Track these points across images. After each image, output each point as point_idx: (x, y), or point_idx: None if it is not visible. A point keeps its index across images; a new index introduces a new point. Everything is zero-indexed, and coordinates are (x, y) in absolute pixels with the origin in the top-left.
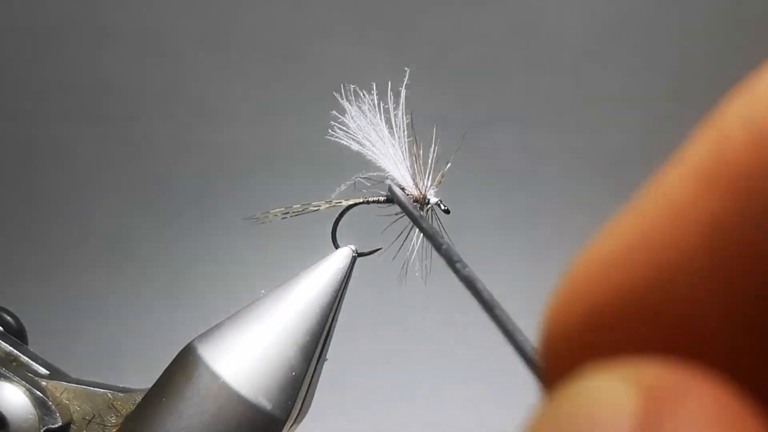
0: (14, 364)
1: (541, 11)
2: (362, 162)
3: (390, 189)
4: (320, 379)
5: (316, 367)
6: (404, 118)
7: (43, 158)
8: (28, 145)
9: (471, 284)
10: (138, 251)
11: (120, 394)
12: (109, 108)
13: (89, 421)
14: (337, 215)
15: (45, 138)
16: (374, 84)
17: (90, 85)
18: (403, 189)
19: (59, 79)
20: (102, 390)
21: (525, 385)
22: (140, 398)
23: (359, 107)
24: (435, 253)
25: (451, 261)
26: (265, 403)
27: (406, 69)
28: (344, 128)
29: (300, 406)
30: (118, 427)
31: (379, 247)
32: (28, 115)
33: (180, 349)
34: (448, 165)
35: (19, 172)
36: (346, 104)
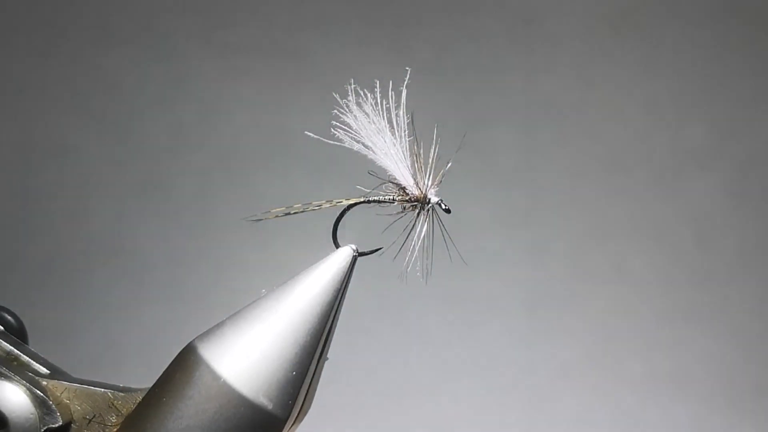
0: (15, 363)
1: (541, 11)
2: (363, 161)
3: None
4: (321, 378)
5: (316, 367)
6: (405, 117)
7: (43, 158)
8: (28, 145)
9: None
10: (138, 251)
11: (120, 393)
12: (109, 107)
13: (90, 421)
14: (337, 215)
15: (45, 137)
16: (377, 82)
17: (90, 84)
18: (403, 188)
19: (59, 79)
20: (102, 389)
21: (524, 385)
22: (141, 398)
23: (360, 106)
24: (436, 253)
25: None
26: (266, 403)
27: (406, 69)
28: (345, 128)
29: (301, 405)
30: (118, 427)
31: (380, 247)
32: (28, 115)
33: (180, 349)
34: (449, 165)
35: (19, 171)
36: (347, 104)
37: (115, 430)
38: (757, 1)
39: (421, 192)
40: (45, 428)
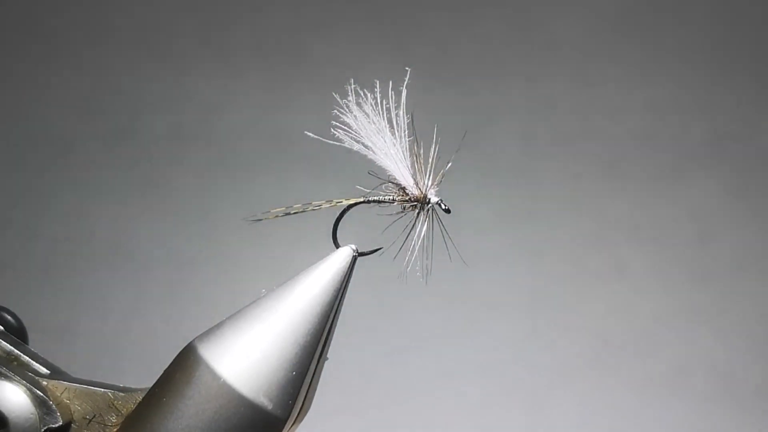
0: (15, 363)
1: (541, 11)
2: (363, 161)
3: None
4: (320, 378)
5: (316, 367)
6: (405, 117)
7: (44, 157)
8: (28, 145)
9: None
10: (138, 251)
11: (120, 393)
12: (109, 107)
13: (90, 421)
14: (337, 215)
15: (45, 137)
16: (377, 82)
17: (90, 84)
18: (403, 188)
19: (59, 79)
20: (102, 389)
21: (524, 386)
22: (141, 398)
23: (360, 106)
24: (436, 253)
25: None
26: (266, 403)
27: (406, 69)
28: (345, 128)
29: (301, 405)
30: (118, 427)
31: (380, 247)
32: (28, 115)
33: (180, 349)
34: (449, 165)
35: (19, 171)
36: (347, 104)
37: (115, 430)
38: (756, 2)
39: (421, 192)
40: (45, 428)
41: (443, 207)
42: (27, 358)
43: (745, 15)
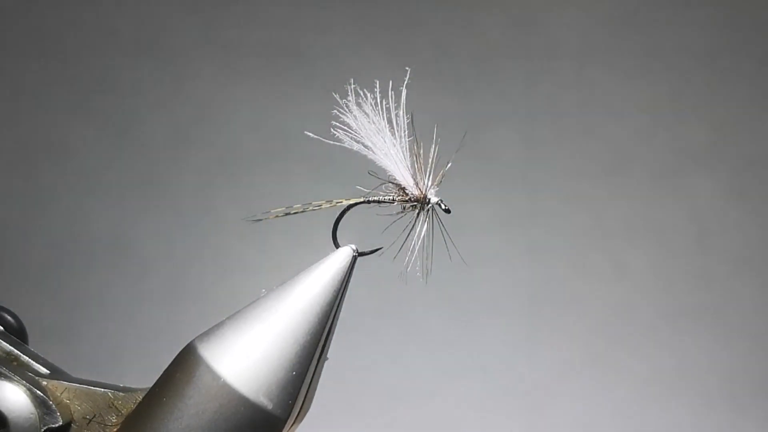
0: (15, 363)
1: (540, 11)
2: (363, 161)
3: None
4: (321, 378)
5: (316, 367)
6: (405, 117)
7: (43, 157)
8: (27, 145)
9: None
10: (138, 251)
11: (120, 393)
12: (109, 107)
13: (90, 421)
14: (337, 215)
15: (45, 137)
16: (377, 82)
17: (90, 84)
18: (403, 189)
19: (59, 79)
20: (102, 389)
21: (524, 385)
22: (141, 398)
23: (360, 106)
24: (436, 253)
25: None
26: (266, 403)
27: (406, 69)
28: (345, 128)
29: (301, 405)
30: (118, 427)
31: (380, 247)
32: (28, 115)
33: (180, 349)
34: (449, 164)
35: (19, 171)
36: (347, 104)
37: (115, 430)
38: (756, 2)
39: (421, 192)
40: (45, 428)
41: (443, 207)
42: (27, 358)
43: (746, 14)
